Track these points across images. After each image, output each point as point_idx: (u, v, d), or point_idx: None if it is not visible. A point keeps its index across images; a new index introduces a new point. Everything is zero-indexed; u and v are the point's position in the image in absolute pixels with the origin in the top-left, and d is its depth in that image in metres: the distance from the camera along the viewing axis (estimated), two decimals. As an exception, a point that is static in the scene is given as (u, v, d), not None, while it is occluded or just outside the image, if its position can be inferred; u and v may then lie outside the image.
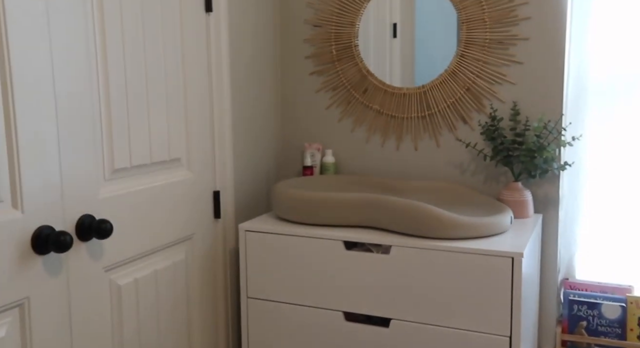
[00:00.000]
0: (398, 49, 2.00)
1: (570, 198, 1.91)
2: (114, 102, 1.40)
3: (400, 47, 2.00)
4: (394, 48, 2.01)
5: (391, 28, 2.01)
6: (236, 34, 1.88)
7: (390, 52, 2.02)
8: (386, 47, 2.02)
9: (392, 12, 1.99)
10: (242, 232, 1.78)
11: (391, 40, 2.02)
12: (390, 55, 2.02)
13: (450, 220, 1.56)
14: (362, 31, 2.04)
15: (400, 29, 2.00)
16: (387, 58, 2.02)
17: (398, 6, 1.97)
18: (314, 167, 2.15)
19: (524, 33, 1.83)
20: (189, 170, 1.70)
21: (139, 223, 1.49)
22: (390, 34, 2.01)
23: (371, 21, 2.02)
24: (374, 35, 2.03)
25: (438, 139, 2.01)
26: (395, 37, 2.01)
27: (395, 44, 2.01)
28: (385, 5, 1.99)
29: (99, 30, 1.35)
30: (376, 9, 2.01)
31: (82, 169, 1.30)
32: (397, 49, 2.01)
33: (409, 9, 1.97)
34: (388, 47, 2.02)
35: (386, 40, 2.02)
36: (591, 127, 1.83)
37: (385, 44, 2.02)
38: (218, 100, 1.80)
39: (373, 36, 2.03)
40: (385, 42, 2.02)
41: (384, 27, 2.01)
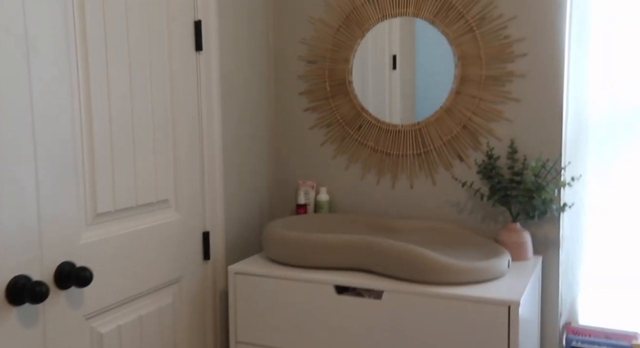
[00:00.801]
0: (398, 80, 1.97)
1: (572, 239, 1.85)
2: (97, 144, 1.36)
3: (400, 79, 1.96)
4: (394, 80, 1.97)
5: (391, 60, 1.98)
6: (227, 72, 1.85)
7: (390, 84, 1.98)
8: (385, 79, 1.98)
9: (392, 44, 1.96)
10: (231, 274, 1.73)
11: (391, 72, 1.99)
12: (390, 87, 1.98)
13: (445, 265, 1.50)
14: (360, 63, 2.01)
15: (400, 61, 1.96)
16: (387, 90, 1.98)
17: (398, 37, 1.94)
18: (308, 205, 2.11)
19: (521, 70, 1.80)
20: (177, 211, 1.66)
21: (123, 268, 1.44)
22: (390, 66, 1.98)
23: (369, 53, 1.99)
24: (372, 67, 2.00)
25: (434, 177, 1.96)
26: (395, 68, 1.98)
27: (395, 75, 1.97)
28: (384, 37, 1.96)
29: (82, 67, 1.32)
30: (375, 41, 1.98)
31: (62, 214, 1.25)
32: (397, 80, 1.97)
33: (409, 40, 1.94)
34: (387, 79, 1.98)
35: (385, 72, 1.98)
36: (592, 165, 1.79)
37: (384, 76, 1.99)
38: (208, 139, 1.77)
39: (372, 68, 2.00)
40: (384, 74, 1.99)
41: (383, 59, 1.98)
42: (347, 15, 2.00)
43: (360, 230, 1.91)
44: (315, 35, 2.08)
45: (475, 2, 1.82)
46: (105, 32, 1.37)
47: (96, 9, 1.34)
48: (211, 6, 1.74)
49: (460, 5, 1.83)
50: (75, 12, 1.29)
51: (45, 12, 1.20)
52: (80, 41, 1.31)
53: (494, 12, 1.81)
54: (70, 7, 1.28)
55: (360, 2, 1.98)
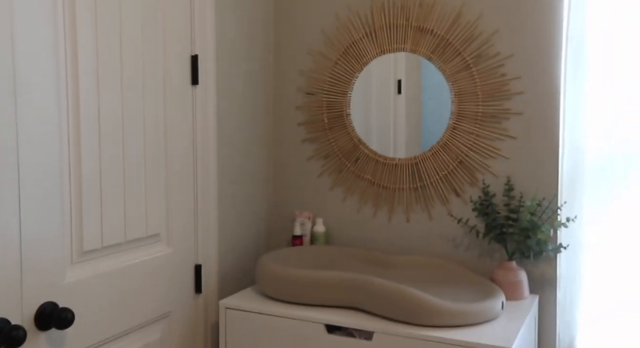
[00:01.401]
0: (403, 106, 1.96)
1: (569, 278, 1.81)
2: (85, 178, 1.35)
3: (405, 104, 1.96)
4: (399, 105, 1.96)
5: (396, 85, 1.97)
6: (224, 105, 1.86)
7: (394, 109, 1.97)
8: (390, 104, 1.97)
9: (397, 70, 1.95)
10: (222, 309, 1.71)
11: (395, 97, 1.98)
12: (394, 111, 1.97)
13: (436, 306, 1.48)
14: (363, 90, 2.00)
15: (405, 86, 1.95)
16: (391, 114, 1.97)
17: (404, 65, 1.93)
18: (304, 237, 2.09)
19: (517, 107, 1.79)
20: (168, 245, 1.65)
21: (109, 306, 1.43)
22: (395, 91, 1.97)
23: (373, 77, 1.98)
24: (376, 92, 1.99)
25: (430, 212, 1.94)
26: (400, 93, 1.97)
27: (400, 101, 1.96)
28: (389, 63, 1.95)
29: (72, 97, 1.31)
30: (379, 67, 1.96)
31: (45, 253, 1.25)
32: (402, 106, 1.96)
33: (415, 70, 1.93)
34: (392, 104, 1.97)
35: (390, 97, 1.98)
36: (589, 204, 1.76)
37: (389, 102, 1.98)
38: (203, 171, 1.77)
39: (375, 93, 1.99)
40: (389, 99, 1.98)
41: (387, 85, 1.97)
42: (346, 49, 2.01)
43: (356, 264, 1.89)
44: (314, 67, 2.08)
45: (472, 39, 1.82)
46: (97, 64, 1.37)
47: (89, 40, 1.35)
48: (208, 41, 1.75)
49: (457, 42, 1.83)
50: (67, 43, 1.29)
51: (35, 43, 1.21)
52: (71, 72, 1.31)
53: (491, 50, 1.80)
54: (61, 37, 1.28)
55: (359, 37, 1.98)
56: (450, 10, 1.85)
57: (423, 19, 1.88)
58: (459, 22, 1.84)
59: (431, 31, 1.87)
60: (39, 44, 1.22)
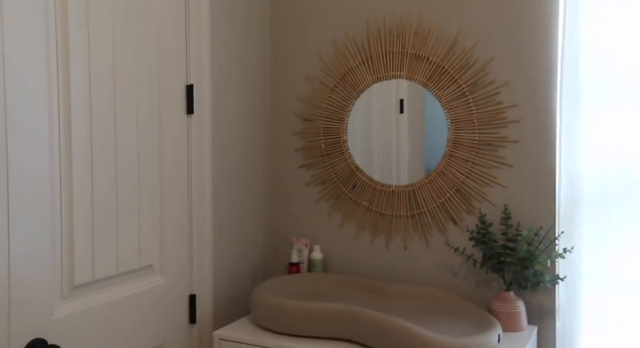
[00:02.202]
0: (406, 126, 1.95)
1: (569, 309, 1.78)
2: (77, 212, 1.35)
3: (408, 124, 1.95)
4: (401, 124, 1.96)
5: (398, 104, 1.96)
6: (220, 133, 1.86)
7: (396, 129, 1.96)
8: (392, 124, 1.97)
9: (399, 89, 1.94)
10: (216, 340, 1.69)
11: (397, 116, 1.97)
12: (397, 132, 1.96)
13: (431, 341, 1.45)
14: (365, 109, 1.99)
15: (407, 106, 1.95)
16: (394, 134, 1.97)
17: (406, 84, 1.92)
18: (301, 264, 2.08)
19: (514, 135, 1.78)
20: (161, 275, 1.65)
21: (100, 340, 1.42)
22: (397, 110, 1.96)
23: (375, 98, 1.98)
24: (377, 112, 1.98)
25: (428, 239, 1.92)
26: (402, 113, 1.96)
27: (403, 121, 1.96)
28: (391, 83, 1.94)
29: (64, 126, 1.32)
30: (381, 87, 1.96)
31: (35, 289, 1.25)
32: (404, 126, 1.95)
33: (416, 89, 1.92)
34: (394, 123, 1.97)
35: (392, 116, 1.97)
36: (587, 234, 1.73)
37: (391, 122, 1.97)
38: (198, 200, 1.76)
39: (376, 113, 1.98)
40: (391, 119, 1.97)
41: (389, 105, 1.96)
42: (343, 76, 2.01)
43: (353, 294, 1.87)
44: (312, 93, 2.08)
45: (468, 67, 1.81)
46: (90, 94, 1.38)
47: (82, 72, 1.36)
48: (204, 71, 1.76)
49: (452, 70, 1.83)
50: (60, 74, 1.31)
51: (26, 76, 1.22)
52: (63, 101, 1.32)
53: (486, 78, 1.79)
54: (54, 68, 1.29)
55: (355, 64, 1.98)
56: (446, 38, 1.85)
57: (419, 47, 1.88)
58: (454, 50, 1.83)
59: (427, 59, 1.87)
60: (30, 75, 1.23)
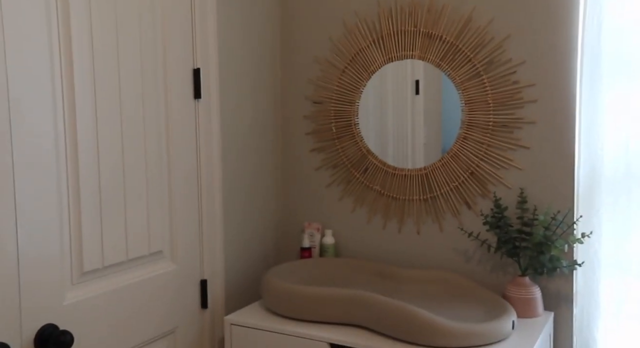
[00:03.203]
0: (422, 108, 1.90)
1: (587, 294, 1.74)
2: (84, 198, 1.34)
3: (424, 105, 1.89)
4: (417, 106, 1.90)
5: (413, 85, 1.91)
6: (229, 117, 1.83)
7: (412, 110, 1.91)
8: (407, 106, 1.92)
9: (415, 70, 1.89)
10: (227, 324, 1.69)
11: (413, 98, 1.92)
12: (412, 112, 1.91)
13: (442, 327, 1.43)
14: (379, 92, 1.94)
15: (423, 87, 1.89)
16: (409, 116, 1.92)
17: (422, 65, 1.86)
18: (313, 249, 2.06)
19: (531, 116, 1.72)
20: (172, 261, 1.64)
21: (112, 325, 1.42)
22: (413, 92, 1.91)
23: (389, 79, 1.92)
24: (392, 94, 1.93)
25: (441, 224, 1.89)
26: (418, 94, 1.91)
27: (419, 101, 1.90)
28: (407, 64, 1.88)
29: (69, 112, 1.30)
30: (396, 68, 1.91)
31: (44, 276, 1.24)
32: (420, 108, 1.90)
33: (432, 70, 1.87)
34: (410, 105, 1.92)
35: (407, 98, 1.92)
36: (606, 217, 1.68)
37: (406, 104, 1.92)
38: (207, 185, 1.75)
39: (391, 95, 1.93)
40: (406, 101, 1.92)
41: (404, 86, 1.91)
42: (353, 57, 1.96)
43: (364, 279, 1.85)
44: (322, 75, 2.04)
45: (483, 46, 1.75)
46: (94, 79, 1.36)
47: (85, 56, 1.33)
48: (211, 54, 1.72)
49: (467, 49, 1.77)
50: (63, 59, 1.28)
51: (30, 61, 1.20)
52: (67, 86, 1.30)
53: (503, 56, 1.73)
54: (56, 53, 1.27)
55: (366, 44, 1.93)
56: (460, 15, 1.79)
57: (432, 25, 1.82)
58: (469, 28, 1.78)
59: (440, 37, 1.81)
60: (34, 61, 1.21)
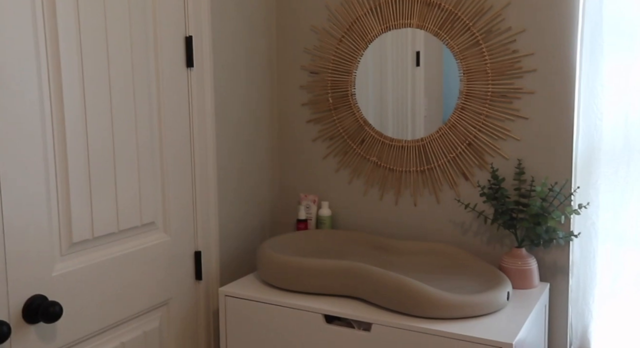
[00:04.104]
0: (422, 80, 1.85)
1: (583, 265, 1.73)
2: (72, 167, 1.31)
3: (424, 76, 1.85)
4: (417, 78, 1.86)
5: (414, 57, 1.87)
6: (222, 87, 1.80)
7: (412, 83, 1.87)
8: (407, 76, 1.88)
9: (416, 42, 1.85)
10: (221, 296, 1.68)
11: (413, 69, 1.88)
12: (412, 84, 1.87)
13: (436, 298, 1.42)
14: (378, 63, 1.89)
15: (424, 59, 1.85)
16: (409, 89, 1.88)
17: (422, 35, 1.82)
18: (309, 221, 2.05)
19: (529, 86, 1.68)
20: (165, 232, 1.62)
21: (103, 296, 1.41)
22: (413, 63, 1.87)
23: (389, 49, 1.88)
24: (392, 65, 1.89)
25: (438, 195, 1.87)
26: (419, 65, 1.87)
27: (419, 73, 1.86)
28: (407, 34, 1.84)
29: (54, 82, 1.26)
30: (395, 38, 1.86)
31: (31, 245, 1.23)
32: (421, 80, 1.86)
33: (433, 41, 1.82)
34: (410, 75, 1.88)
35: (408, 70, 1.88)
36: (604, 189, 1.66)
37: (406, 74, 1.88)
38: (201, 155, 1.72)
39: (391, 66, 1.89)
40: (406, 73, 1.88)
41: (404, 58, 1.87)
42: (350, 26, 1.92)
43: (360, 251, 1.84)
44: (319, 45, 2.00)
45: (482, 14, 1.71)
46: (81, 46, 1.32)
47: (71, 23, 1.29)
48: (204, 21, 1.68)
49: (466, 17, 1.72)
50: (47, 25, 1.24)
51: (14, 30, 1.16)
52: (52, 54, 1.26)
53: (502, 25, 1.69)
54: (40, 21, 1.22)
55: (363, 12, 1.89)
56: (459, -18, 1.74)
57: (430, -7, 1.78)
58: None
59: (438, 5, 1.76)
60: (15, 24, 1.17)
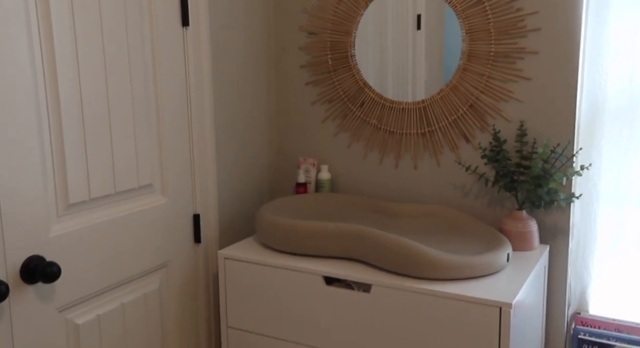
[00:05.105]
0: (423, 44, 1.81)
1: (583, 228, 1.73)
2: (66, 127, 1.29)
3: (425, 39, 1.81)
4: (418, 41, 1.82)
5: (415, 20, 1.82)
6: (219, 47, 1.76)
7: (412, 44, 1.83)
8: (408, 39, 1.84)
9: (417, 4, 1.79)
10: (220, 258, 1.68)
11: (414, 33, 1.84)
12: (413, 46, 1.82)
13: (436, 259, 1.41)
14: (378, 26, 1.85)
15: (425, 22, 1.80)
16: (410, 52, 1.84)
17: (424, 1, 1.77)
18: (308, 184, 2.03)
19: (533, 46, 1.65)
20: (163, 195, 1.61)
21: (101, 257, 1.41)
22: (414, 26, 1.83)
23: (389, 13, 1.83)
24: (393, 27, 1.84)
25: (439, 158, 1.85)
26: (420, 29, 1.83)
27: (420, 36, 1.81)
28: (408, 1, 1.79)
29: (46, 40, 1.23)
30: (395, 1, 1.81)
31: (27, 206, 1.21)
32: (422, 43, 1.81)
33: None
34: (411, 38, 1.83)
35: (408, 32, 1.83)
36: (607, 151, 1.64)
37: (407, 37, 1.84)
38: (198, 117, 1.70)
39: (392, 28, 1.84)
40: (407, 36, 1.84)
41: (405, 20, 1.82)
42: (349, -17, 1.86)
43: (360, 214, 1.83)
44: (317, 4, 1.95)
45: (485, -31, 1.66)
46: (72, 4, 1.28)
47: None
48: (198, -23, 1.64)
49: (468, -27, 1.68)
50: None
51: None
52: (42, 11, 1.22)
53: (506, -19, 1.64)
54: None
55: (363, -31, 1.83)
56: (463, -63, 1.68)
57: (433, -51, 1.72)
58: (472, -49, 1.68)
59: (441, -38, 1.71)
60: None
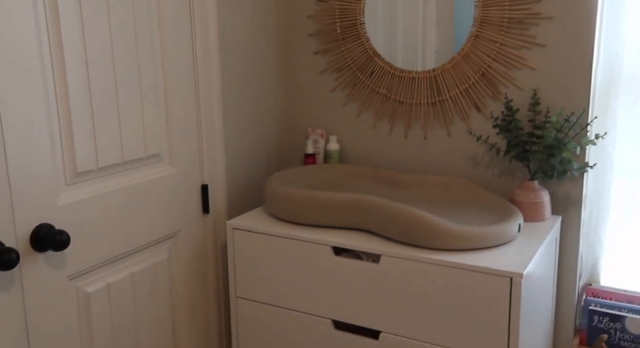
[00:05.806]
0: (434, 8, 1.76)
1: (596, 199, 1.70)
2: (73, 96, 1.27)
3: (436, 5, 1.76)
4: (428, 8, 1.77)
5: None
6: (227, 15, 1.72)
7: (423, 14, 1.78)
8: (419, 5, 1.79)
9: None
10: (229, 229, 1.68)
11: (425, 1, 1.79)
12: (423, 14, 1.77)
13: (446, 229, 1.40)
14: None
15: None
16: (420, 19, 1.79)
17: None
18: (317, 155, 2.02)
19: (548, 11, 1.60)
20: (171, 165, 1.60)
21: (110, 227, 1.40)
22: None
23: None
24: None
25: (449, 128, 1.82)
26: None
27: (430, 2, 1.76)
28: None
29: (51, 7, 1.21)
30: None
31: (35, 175, 1.20)
32: (432, 8, 1.76)
33: None
34: (421, 5, 1.78)
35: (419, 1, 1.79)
36: (622, 120, 1.61)
37: (417, 3, 1.78)
38: (205, 85, 1.67)
39: None
40: (417, 0, 1.78)
41: None
42: (359, -52, 1.81)
43: (369, 184, 1.82)
44: (326, -30, 1.90)
45: None
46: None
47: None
48: (204, -58, 1.60)
49: None
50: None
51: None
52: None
53: (521, -57, 1.59)
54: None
55: None
56: None
57: None
58: None
59: None
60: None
